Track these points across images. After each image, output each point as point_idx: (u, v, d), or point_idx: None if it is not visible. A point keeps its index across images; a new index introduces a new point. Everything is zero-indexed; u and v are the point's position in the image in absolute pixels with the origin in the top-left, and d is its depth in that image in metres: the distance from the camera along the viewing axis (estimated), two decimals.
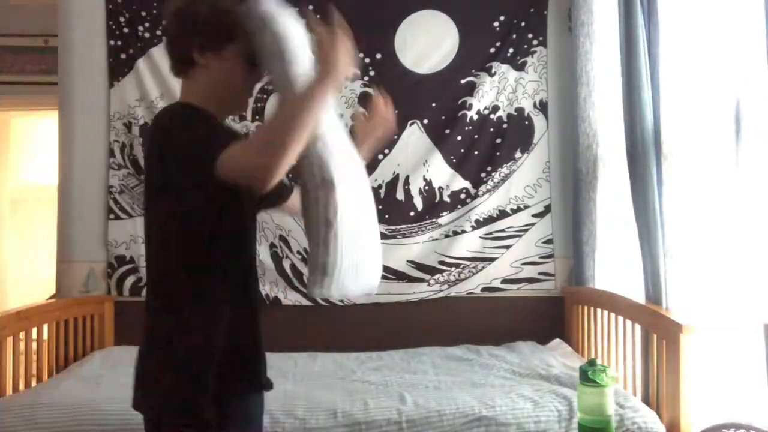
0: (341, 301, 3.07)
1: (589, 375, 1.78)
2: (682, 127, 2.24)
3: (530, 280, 3.12)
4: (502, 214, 3.13)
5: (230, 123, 3.07)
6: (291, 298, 3.06)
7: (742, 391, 1.89)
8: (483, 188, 3.13)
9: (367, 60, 3.12)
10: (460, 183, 3.12)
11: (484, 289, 3.11)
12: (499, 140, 3.14)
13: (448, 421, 1.97)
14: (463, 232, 3.12)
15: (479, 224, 3.12)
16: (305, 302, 3.05)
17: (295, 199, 1.46)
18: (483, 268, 3.12)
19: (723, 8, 2.01)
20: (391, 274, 3.09)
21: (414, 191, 3.12)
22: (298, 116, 1.09)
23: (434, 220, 3.12)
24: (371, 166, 3.11)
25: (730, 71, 1.97)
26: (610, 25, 2.65)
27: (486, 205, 3.12)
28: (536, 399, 2.06)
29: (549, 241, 3.13)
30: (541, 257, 3.13)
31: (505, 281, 3.12)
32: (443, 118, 3.13)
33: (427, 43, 3.14)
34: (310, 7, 3.09)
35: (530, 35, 3.15)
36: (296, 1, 1.49)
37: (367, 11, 3.14)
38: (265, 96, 3.11)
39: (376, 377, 2.43)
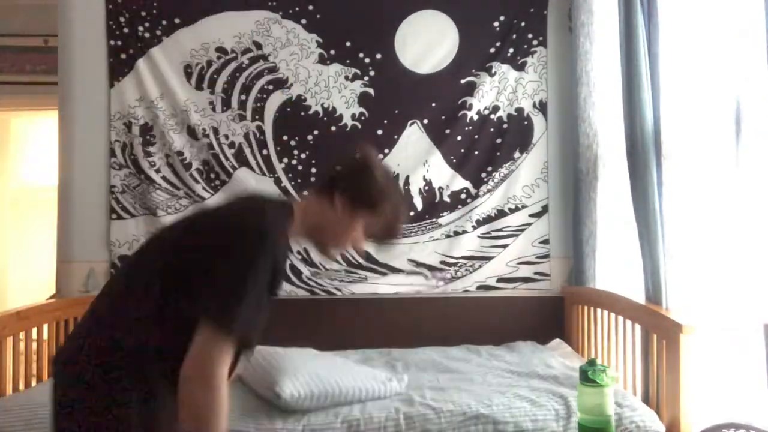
0: (338, 290, 3.08)
1: (589, 375, 1.78)
2: (682, 127, 2.24)
3: (525, 280, 3.12)
4: (501, 214, 3.13)
5: (229, 123, 3.09)
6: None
7: (742, 391, 1.89)
8: (483, 188, 3.13)
9: (367, 60, 3.13)
10: (461, 183, 3.12)
11: (479, 287, 3.11)
12: (499, 140, 3.14)
13: (446, 419, 1.97)
14: (464, 232, 3.12)
15: (479, 224, 3.13)
16: (302, 294, 3.06)
17: None
18: (480, 266, 3.12)
19: (723, 8, 2.01)
20: (390, 271, 3.09)
21: (414, 191, 3.12)
22: None
23: (434, 220, 3.12)
24: None
25: (730, 71, 1.96)
26: (610, 25, 2.65)
27: (486, 205, 3.12)
28: (533, 398, 2.06)
29: (546, 242, 3.13)
30: (537, 257, 3.13)
31: (500, 280, 3.12)
32: (443, 118, 3.13)
33: (427, 43, 3.14)
34: (310, 8, 3.12)
35: (530, 35, 3.15)
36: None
37: (367, 11, 3.15)
38: (264, 96, 3.11)
39: None
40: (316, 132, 3.12)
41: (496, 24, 3.15)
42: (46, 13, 3.39)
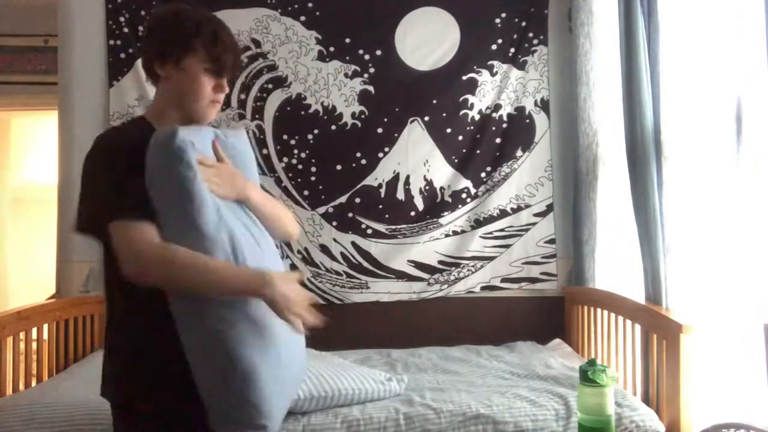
0: (340, 300, 3.08)
1: (589, 375, 1.78)
2: (682, 127, 2.23)
3: (532, 280, 3.11)
4: (503, 214, 3.13)
5: (229, 122, 3.09)
6: None
7: (742, 391, 1.89)
8: (483, 188, 3.12)
9: (367, 57, 3.12)
10: (461, 182, 3.12)
11: (483, 288, 3.11)
12: (499, 139, 3.13)
13: (446, 420, 1.96)
14: (464, 231, 3.12)
15: (479, 224, 3.12)
16: None
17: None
18: (482, 267, 3.11)
19: (723, 8, 2.00)
20: (390, 273, 3.09)
21: (414, 191, 3.11)
22: (205, 284, 1.17)
23: (435, 219, 3.12)
24: (371, 165, 3.11)
25: (731, 71, 1.96)
26: (610, 25, 2.65)
27: (487, 204, 3.12)
28: (533, 398, 2.06)
29: (551, 241, 3.12)
30: (543, 257, 3.12)
31: (504, 280, 3.11)
32: (444, 115, 3.12)
33: (427, 39, 3.13)
34: (309, 5, 3.12)
35: (531, 34, 3.15)
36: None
37: (367, 7, 3.14)
38: (264, 95, 3.11)
39: None
40: (316, 131, 3.11)
41: (497, 21, 3.14)
42: (46, 13, 3.39)
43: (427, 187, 3.12)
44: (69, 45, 3.11)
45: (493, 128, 3.13)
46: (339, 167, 3.11)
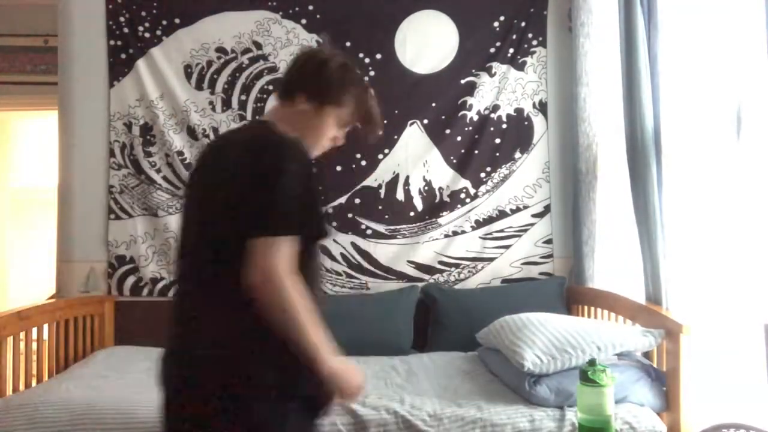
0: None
1: (589, 375, 1.78)
2: (682, 127, 2.24)
3: (531, 281, 3.12)
4: (502, 214, 3.13)
5: (229, 123, 3.09)
6: None
7: (742, 391, 1.89)
8: (483, 188, 3.12)
9: (367, 60, 3.12)
10: (460, 183, 3.12)
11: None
12: (498, 140, 3.13)
13: (444, 427, 1.96)
14: (463, 232, 3.12)
15: (479, 224, 3.12)
16: None
17: None
18: (482, 268, 3.11)
19: (723, 8, 2.01)
20: (391, 274, 3.09)
21: (414, 191, 3.12)
22: (295, 332, 1.20)
23: (434, 220, 3.12)
24: (371, 166, 3.11)
25: (731, 71, 1.97)
26: (610, 25, 2.65)
27: (486, 205, 3.12)
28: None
29: (549, 241, 3.13)
30: (541, 257, 3.12)
31: (505, 281, 3.11)
32: (443, 118, 3.13)
33: (427, 43, 3.14)
34: (310, 8, 3.12)
35: (530, 35, 3.15)
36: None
37: (367, 11, 3.14)
38: (265, 96, 3.11)
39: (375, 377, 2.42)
40: None
41: (496, 24, 3.14)
42: (46, 13, 3.40)
43: (426, 188, 3.12)
44: (69, 45, 3.11)
45: (492, 129, 3.13)
46: (339, 168, 3.11)
